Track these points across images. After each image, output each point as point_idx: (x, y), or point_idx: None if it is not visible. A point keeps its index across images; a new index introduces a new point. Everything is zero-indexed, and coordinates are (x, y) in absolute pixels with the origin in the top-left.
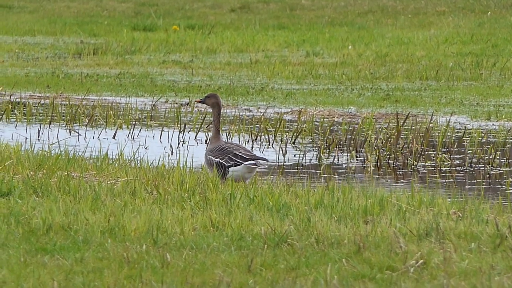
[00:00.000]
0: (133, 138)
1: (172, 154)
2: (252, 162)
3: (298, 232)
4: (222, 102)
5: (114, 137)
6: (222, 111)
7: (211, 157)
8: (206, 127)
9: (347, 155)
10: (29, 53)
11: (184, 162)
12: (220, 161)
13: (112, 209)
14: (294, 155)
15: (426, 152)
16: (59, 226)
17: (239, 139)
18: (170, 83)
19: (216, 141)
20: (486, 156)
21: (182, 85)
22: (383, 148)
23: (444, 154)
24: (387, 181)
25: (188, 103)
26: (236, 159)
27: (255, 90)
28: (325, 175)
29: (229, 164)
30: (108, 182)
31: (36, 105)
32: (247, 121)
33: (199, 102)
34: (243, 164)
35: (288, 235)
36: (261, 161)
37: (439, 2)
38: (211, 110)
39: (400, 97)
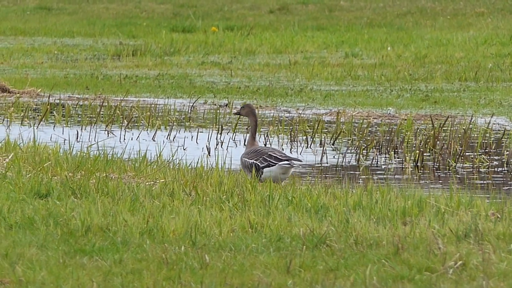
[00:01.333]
0: (171, 140)
1: (210, 155)
2: (286, 162)
3: (337, 233)
4: (256, 111)
5: (153, 139)
6: (261, 112)
7: (246, 159)
8: (246, 129)
9: (386, 156)
10: (68, 54)
11: (222, 163)
12: (255, 162)
13: (150, 211)
14: (333, 156)
15: (465, 153)
16: (97, 228)
17: (278, 140)
18: (208, 85)
19: (251, 145)
20: None
21: (221, 86)
22: (422, 149)
23: (482, 155)
24: (426, 182)
25: (226, 105)
26: (270, 160)
27: (294, 92)
28: (364, 176)
29: (263, 165)
30: (147, 183)
31: (75, 106)
32: (286, 122)
33: (236, 114)
34: (277, 165)
35: (326, 236)
36: (295, 162)
37: (478, 3)
38: None
39: (439, 98)
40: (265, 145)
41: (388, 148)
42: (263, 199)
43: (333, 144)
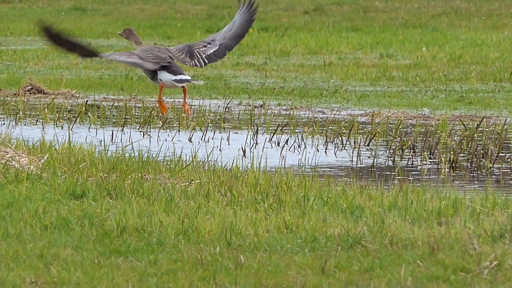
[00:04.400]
0: (206, 141)
1: (245, 156)
2: (179, 79)
3: (372, 234)
4: (136, 34)
5: (190, 140)
6: (296, 113)
7: (141, 60)
8: (280, 130)
9: (421, 157)
10: None
11: (257, 164)
12: (152, 65)
13: (185, 211)
14: (368, 157)
15: (500, 154)
16: (133, 228)
17: (312, 141)
18: (243, 85)
19: (142, 46)
20: None
21: (256, 87)
22: (457, 150)
23: None
24: (461, 183)
25: (261, 105)
26: (167, 70)
27: (329, 92)
28: (399, 177)
29: (160, 72)
30: (182, 184)
31: (110, 107)
32: (321, 124)
33: (120, 34)
34: (171, 80)
35: (361, 237)
36: (193, 81)
37: None
38: (283, 112)
39: (474, 99)
40: None
41: (423, 149)
42: (298, 199)
43: (368, 145)
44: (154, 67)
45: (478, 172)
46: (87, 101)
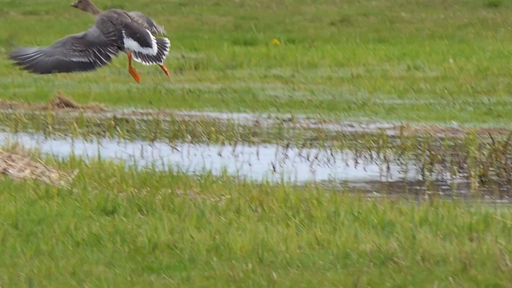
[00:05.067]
0: (236, 155)
1: (275, 170)
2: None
3: (403, 250)
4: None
5: (219, 154)
6: (324, 126)
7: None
8: (310, 144)
9: (450, 171)
10: None
11: (287, 179)
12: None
13: (217, 227)
14: (398, 171)
15: None
16: (164, 245)
17: (342, 155)
18: (271, 98)
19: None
20: None
21: (284, 100)
22: (487, 164)
23: None
24: (492, 197)
25: (290, 119)
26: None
27: (357, 105)
28: (429, 191)
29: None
30: (212, 199)
31: (139, 121)
32: (350, 137)
33: (73, 6)
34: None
35: (393, 253)
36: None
37: None
38: (312, 125)
39: (502, 111)
40: None
41: (453, 163)
42: (329, 215)
43: (397, 159)
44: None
45: (509, 186)
46: (115, 115)
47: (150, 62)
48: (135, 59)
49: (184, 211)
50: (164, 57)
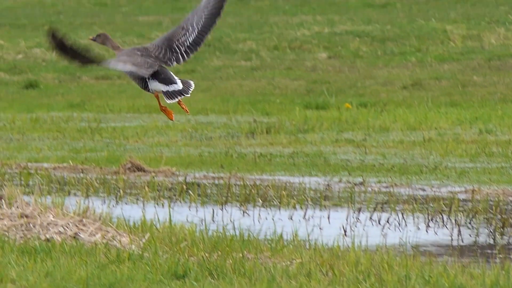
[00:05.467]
0: (307, 219)
1: (346, 234)
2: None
3: None
4: (111, 38)
5: (290, 218)
6: (395, 190)
7: (131, 65)
8: (381, 207)
9: None
10: (202, 132)
11: (358, 243)
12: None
13: None
14: (469, 235)
15: None
16: None
17: (413, 219)
18: (343, 162)
19: (122, 50)
20: None
21: (355, 164)
22: None
23: None
24: None
25: (362, 183)
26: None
27: (429, 169)
28: (500, 255)
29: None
30: (283, 263)
31: (210, 185)
32: (421, 201)
33: (92, 40)
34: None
35: None
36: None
37: None
38: (383, 189)
39: None
40: None
41: None
42: (400, 279)
43: (468, 223)
44: (148, 73)
45: None
46: (187, 179)
47: (177, 97)
48: (166, 100)
49: (255, 275)
50: (190, 91)
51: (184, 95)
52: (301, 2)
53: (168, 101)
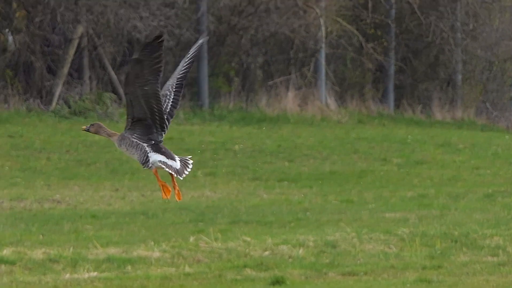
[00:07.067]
0: None
1: None
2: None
3: None
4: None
5: None
6: None
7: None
8: None
9: None
10: None
11: None
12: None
13: None
14: None
15: None
16: None
17: None
18: None
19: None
20: None
21: None
22: None
23: None
24: None
25: None
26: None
27: None
28: None
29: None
30: None
31: None
32: None
33: (85, 130)
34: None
35: None
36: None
37: None
38: None
39: None
40: None
41: None
42: None
43: None
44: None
45: None
46: None
47: (173, 173)
48: (167, 169)
49: None
50: (186, 172)
51: (178, 176)
52: None
53: (166, 169)
